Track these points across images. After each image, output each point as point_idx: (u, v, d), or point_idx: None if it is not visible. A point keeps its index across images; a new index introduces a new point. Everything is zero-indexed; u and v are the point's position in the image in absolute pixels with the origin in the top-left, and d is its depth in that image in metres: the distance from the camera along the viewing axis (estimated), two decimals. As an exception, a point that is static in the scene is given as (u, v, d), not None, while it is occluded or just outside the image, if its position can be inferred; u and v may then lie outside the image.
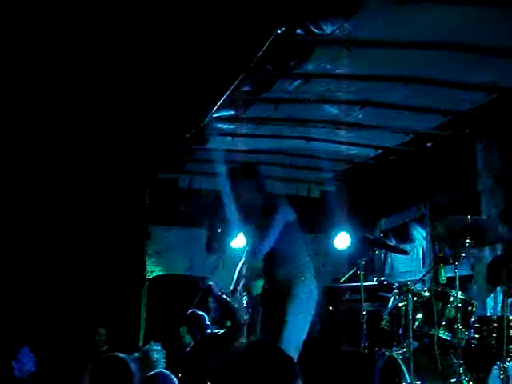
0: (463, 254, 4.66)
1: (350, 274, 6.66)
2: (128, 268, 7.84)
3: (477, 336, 4.74)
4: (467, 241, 4.67)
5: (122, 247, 7.86)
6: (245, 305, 6.25)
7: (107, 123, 7.36)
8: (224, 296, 5.27)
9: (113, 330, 7.46)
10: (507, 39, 4.48)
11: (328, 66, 5.07)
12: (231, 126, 6.66)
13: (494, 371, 4.43)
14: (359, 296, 5.75)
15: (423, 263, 7.16)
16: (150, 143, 7.44)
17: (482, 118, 6.00)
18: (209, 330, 6.38)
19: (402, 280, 6.77)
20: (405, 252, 6.45)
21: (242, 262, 5.70)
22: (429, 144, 6.93)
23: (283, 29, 4.16)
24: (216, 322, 6.74)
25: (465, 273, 6.01)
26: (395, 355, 4.84)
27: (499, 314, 5.06)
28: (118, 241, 7.84)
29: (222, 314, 5.56)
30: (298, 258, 4.48)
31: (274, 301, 4.47)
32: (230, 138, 6.93)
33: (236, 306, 5.39)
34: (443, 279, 4.84)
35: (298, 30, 4.35)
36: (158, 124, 6.89)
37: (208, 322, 6.54)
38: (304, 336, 4.33)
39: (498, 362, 4.37)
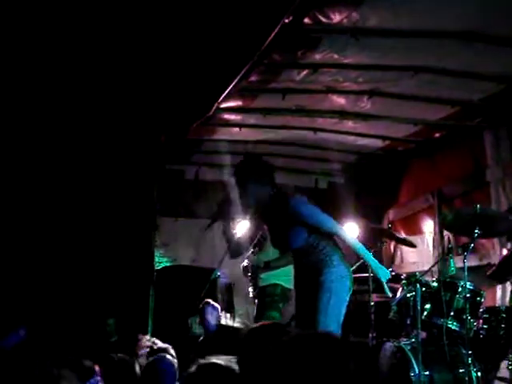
0: (472, 245, 4.64)
1: (357, 264, 6.62)
2: (136, 259, 7.85)
3: (485, 326, 4.74)
4: (476, 231, 4.65)
5: (130, 239, 7.87)
6: (251, 295, 6.27)
7: (113, 115, 7.35)
8: None
9: (121, 320, 7.47)
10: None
11: (335, 56, 5.05)
12: (238, 117, 6.65)
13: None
14: (367, 287, 5.73)
15: (433, 254, 7.13)
16: (156, 134, 7.43)
17: (492, 108, 5.95)
18: (223, 322, 6.40)
19: (411, 271, 6.75)
20: (412, 245, 6.42)
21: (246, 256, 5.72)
22: (437, 134, 6.89)
23: (290, 18, 4.13)
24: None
25: (474, 263, 5.99)
26: (403, 346, 4.83)
27: (508, 305, 5.06)
28: (126, 232, 7.84)
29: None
30: (322, 245, 4.41)
31: (304, 288, 4.43)
32: (237, 129, 6.92)
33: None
34: (452, 270, 4.82)
35: (306, 19, 4.33)
36: (164, 115, 6.88)
37: (221, 314, 6.57)
38: (338, 324, 4.27)
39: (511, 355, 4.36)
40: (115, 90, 6.82)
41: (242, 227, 6.19)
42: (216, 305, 6.54)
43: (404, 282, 5.12)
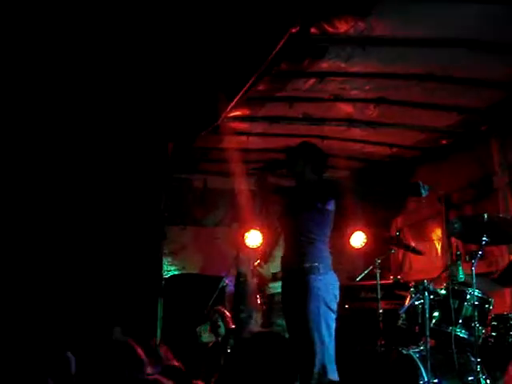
0: (480, 252, 4.64)
1: (366, 272, 6.64)
2: (144, 267, 7.87)
3: (494, 334, 4.73)
4: (484, 238, 4.65)
5: (139, 247, 7.89)
6: (259, 302, 6.30)
7: (121, 124, 7.39)
8: None
9: (130, 329, 7.49)
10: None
11: (342, 65, 5.07)
12: (245, 125, 6.67)
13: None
14: (375, 294, 5.74)
15: (441, 261, 7.13)
16: (164, 143, 7.46)
17: (499, 115, 5.96)
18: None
19: (420, 278, 6.75)
20: (419, 252, 6.42)
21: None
22: (444, 141, 6.90)
23: (298, 28, 4.16)
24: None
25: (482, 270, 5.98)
26: (412, 353, 4.82)
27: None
28: (135, 241, 7.86)
29: None
30: (324, 249, 4.45)
31: (292, 299, 4.44)
32: (244, 137, 6.94)
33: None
34: (461, 277, 4.81)
35: (313, 29, 4.36)
36: (172, 124, 6.91)
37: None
38: (330, 334, 4.28)
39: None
40: (124, 99, 6.85)
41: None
42: (227, 313, 6.57)
43: (412, 289, 5.12)
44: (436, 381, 4.65)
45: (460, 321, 4.76)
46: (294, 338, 4.40)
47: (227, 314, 6.44)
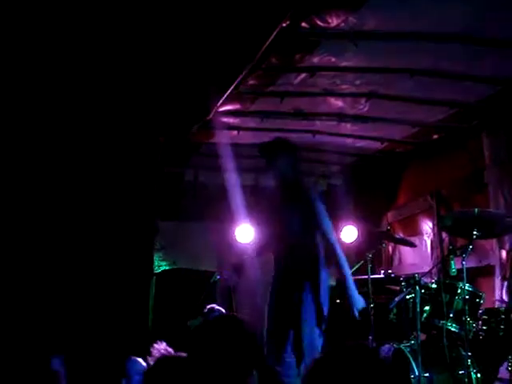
0: (471, 246, 4.65)
1: (357, 266, 6.64)
2: (136, 262, 7.85)
3: (485, 328, 4.75)
4: (475, 233, 4.66)
5: (130, 242, 7.86)
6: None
7: (112, 118, 7.36)
8: None
9: (120, 324, 7.47)
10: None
11: (333, 59, 5.07)
12: (236, 120, 6.66)
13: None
14: (366, 289, 5.74)
15: (431, 256, 7.15)
16: (155, 138, 7.44)
17: (489, 110, 5.97)
18: None
19: (410, 272, 6.76)
20: (412, 244, 6.45)
21: None
22: (435, 136, 6.91)
23: (288, 22, 4.15)
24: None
25: (473, 265, 6.00)
26: (403, 348, 4.84)
27: (507, 306, 5.08)
28: (126, 236, 7.84)
29: None
30: (315, 246, 4.46)
31: (283, 296, 4.45)
32: (235, 132, 6.93)
33: None
34: (453, 271, 4.82)
35: (303, 24, 4.35)
36: (163, 118, 6.89)
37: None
38: (320, 330, 4.31)
39: (510, 357, 4.38)
40: (114, 93, 6.82)
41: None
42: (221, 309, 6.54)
43: (403, 283, 5.13)
44: (427, 375, 4.67)
45: (451, 315, 4.78)
46: (277, 331, 4.41)
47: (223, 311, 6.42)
